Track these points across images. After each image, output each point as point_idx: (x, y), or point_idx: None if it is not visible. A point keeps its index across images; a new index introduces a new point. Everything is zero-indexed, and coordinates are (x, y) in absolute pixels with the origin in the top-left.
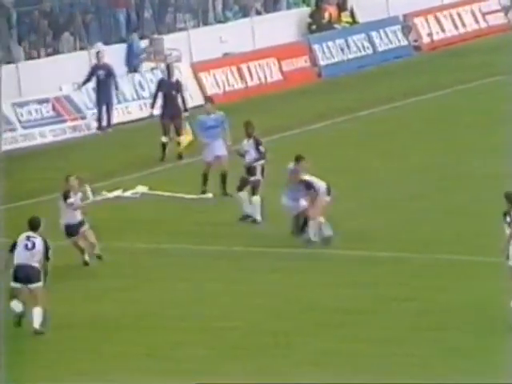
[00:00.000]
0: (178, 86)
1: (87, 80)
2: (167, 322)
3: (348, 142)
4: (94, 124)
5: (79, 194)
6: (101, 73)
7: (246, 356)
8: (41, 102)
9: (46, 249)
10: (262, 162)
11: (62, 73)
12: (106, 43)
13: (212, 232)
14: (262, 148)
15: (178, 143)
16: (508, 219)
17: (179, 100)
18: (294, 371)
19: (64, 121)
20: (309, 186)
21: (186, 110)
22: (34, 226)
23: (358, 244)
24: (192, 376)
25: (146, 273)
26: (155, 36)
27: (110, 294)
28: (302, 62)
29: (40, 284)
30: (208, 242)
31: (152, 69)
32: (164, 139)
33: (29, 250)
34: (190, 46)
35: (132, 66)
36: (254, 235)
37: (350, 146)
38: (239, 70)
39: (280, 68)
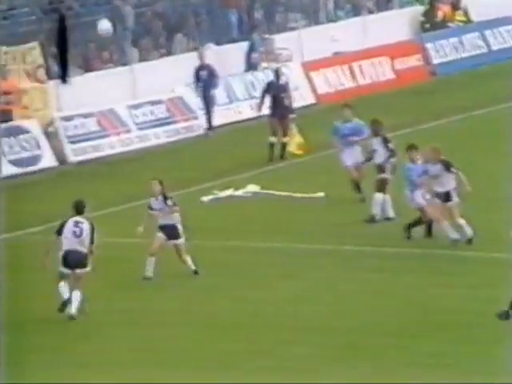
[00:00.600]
0: (286, 88)
1: (196, 80)
2: (278, 320)
3: (462, 141)
4: (206, 124)
5: (160, 198)
6: (203, 73)
7: (353, 356)
8: (154, 103)
9: (92, 232)
10: (393, 159)
11: (174, 74)
12: (218, 43)
13: (322, 231)
14: (391, 145)
15: (284, 144)
16: None
17: (287, 102)
18: (404, 372)
19: (177, 121)
20: (448, 165)
21: (292, 112)
22: (79, 209)
23: (474, 245)
24: (299, 374)
25: (256, 271)
26: (266, 36)
27: (224, 293)
28: (415, 60)
29: (87, 269)
30: (318, 241)
31: (264, 69)
32: (272, 139)
33: (77, 237)
34: (301, 46)
35: (253, 65)
36: (363, 234)
37: (464, 145)
38: (351, 68)
39: (392, 66)
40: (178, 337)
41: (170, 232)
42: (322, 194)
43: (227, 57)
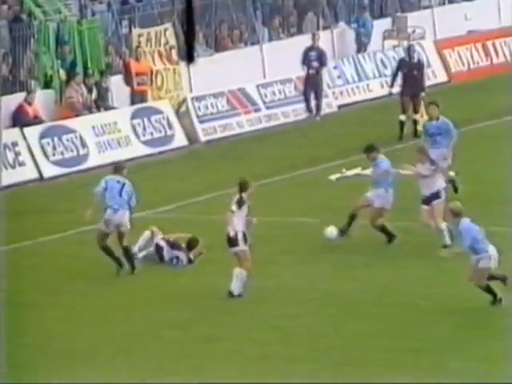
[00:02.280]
0: (419, 67)
1: (304, 61)
2: (408, 300)
3: None
4: (335, 102)
5: None
6: (312, 55)
7: (488, 338)
8: (284, 82)
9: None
10: None
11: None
12: (348, 23)
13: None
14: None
15: (415, 121)
16: None
17: (419, 79)
18: None
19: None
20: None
21: (424, 90)
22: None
23: None
24: (436, 355)
25: (386, 250)
26: (398, 14)
27: (350, 271)
28: None
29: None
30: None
31: (394, 47)
32: (402, 117)
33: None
34: (434, 24)
35: (362, 46)
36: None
37: None
38: (484, 47)
39: None
40: (304, 315)
41: None
42: (452, 173)
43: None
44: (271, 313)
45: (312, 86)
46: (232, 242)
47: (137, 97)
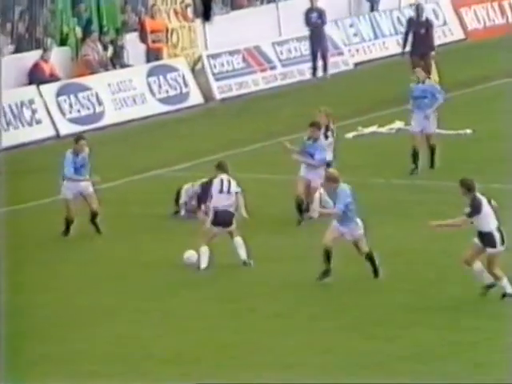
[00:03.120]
0: (427, 25)
1: (306, 22)
2: (429, 257)
3: None
4: (351, 60)
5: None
6: (314, 16)
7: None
8: (299, 39)
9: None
10: None
11: None
12: None
13: (467, 168)
14: None
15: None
16: None
17: (428, 38)
18: None
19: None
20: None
21: (433, 48)
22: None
23: None
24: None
25: (401, 209)
26: None
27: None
28: None
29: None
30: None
31: (411, 5)
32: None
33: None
34: None
35: (375, 3)
36: (510, 172)
37: None
38: (500, 6)
39: None
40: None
41: None
42: (469, 131)
43: None
44: (289, 271)
45: (317, 45)
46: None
47: (152, 54)
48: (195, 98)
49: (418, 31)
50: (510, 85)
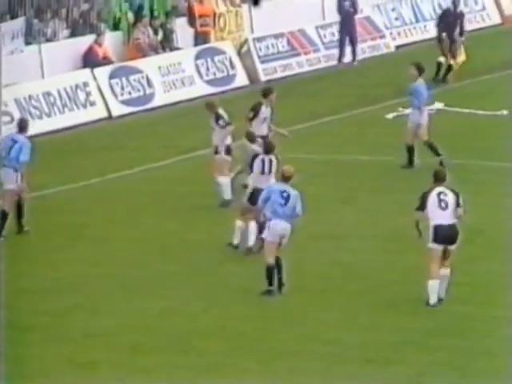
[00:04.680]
0: (461, 17)
1: (338, 9)
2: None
3: None
4: (393, 43)
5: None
6: (346, 3)
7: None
8: None
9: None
10: None
11: None
12: None
13: (504, 147)
14: None
15: (450, 66)
16: None
17: (460, 28)
18: None
19: (364, 40)
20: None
21: (462, 34)
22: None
23: None
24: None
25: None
26: None
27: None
28: None
29: None
30: (500, 158)
31: None
32: (441, 59)
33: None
34: None
35: None
36: None
37: None
38: None
39: None
40: (364, 250)
41: None
42: (505, 112)
43: None
44: (331, 248)
45: (347, 32)
46: None
47: (200, 38)
48: (241, 79)
49: (454, 22)
50: None
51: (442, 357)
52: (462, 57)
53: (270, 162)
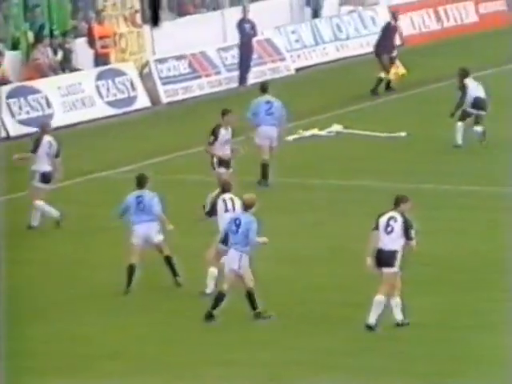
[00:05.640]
0: (396, 29)
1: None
2: (358, 255)
3: None
4: (293, 65)
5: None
6: (247, 26)
7: (437, 292)
8: None
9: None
10: None
11: (263, 18)
12: None
13: (403, 169)
14: None
15: (380, 79)
16: None
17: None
18: (486, 307)
19: (264, 63)
20: None
21: (395, 48)
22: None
23: None
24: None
25: (338, 208)
26: None
27: (306, 228)
28: (499, 5)
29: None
30: (397, 180)
31: (350, 12)
32: (382, 75)
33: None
34: None
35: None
36: (445, 173)
37: None
38: (436, 12)
39: (477, 10)
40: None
41: None
42: (403, 134)
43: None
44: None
45: (246, 56)
46: None
47: (100, 59)
48: (142, 101)
49: (392, 34)
50: (443, 89)
51: (341, 376)
52: (401, 69)
53: (232, 200)
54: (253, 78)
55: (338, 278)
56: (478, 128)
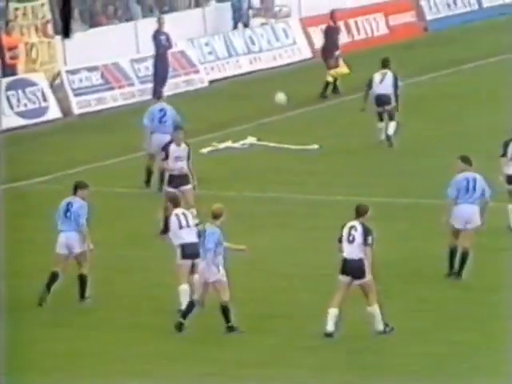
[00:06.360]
0: (338, 30)
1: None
2: (275, 268)
3: (451, 93)
4: (206, 78)
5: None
6: (163, 38)
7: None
8: None
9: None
10: None
11: (176, 30)
12: (220, 1)
13: (315, 181)
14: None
15: (336, 79)
16: None
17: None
18: (394, 317)
19: (178, 75)
20: None
21: (338, 48)
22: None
23: None
24: (297, 320)
25: (253, 220)
26: None
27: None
28: (409, 17)
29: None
30: (310, 192)
31: (262, 24)
32: (329, 78)
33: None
34: (300, 2)
35: (239, 23)
36: (356, 185)
37: (454, 98)
38: (346, 24)
39: (387, 22)
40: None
41: None
42: (315, 146)
43: (229, 14)
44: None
45: (161, 68)
46: None
47: (8, 70)
48: (54, 112)
49: (335, 35)
50: (355, 101)
51: None
52: (344, 69)
53: (184, 215)
54: (167, 90)
55: (252, 291)
56: (391, 124)
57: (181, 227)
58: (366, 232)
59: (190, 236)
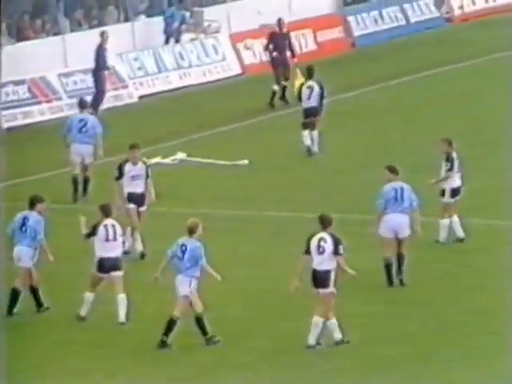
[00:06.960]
0: (287, 36)
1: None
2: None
3: (378, 110)
4: (136, 93)
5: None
6: (106, 54)
7: (283, 317)
8: (86, 72)
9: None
10: None
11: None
12: (150, 16)
13: (245, 197)
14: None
15: (284, 88)
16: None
17: (289, 48)
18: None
19: (108, 90)
20: None
21: (294, 56)
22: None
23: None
24: (231, 337)
25: (182, 235)
26: (196, 8)
27: (150, 257)
28: (337, 32)
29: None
30: (240, 207)
31: (192, 39)
32: (275, 87)
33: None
34: (229, 18)
35: (171, 38)
36: (284, 200)
37: (380, 114)
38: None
39: (315, 38)
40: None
41: None
42: (245, 162)
43: (159, 29)
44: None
45: (101, 82)
46: None
47: None
48: None
49: (282, 42)
50: (283, 117)
51: None
52: (299, 79)
53: (113, 227)
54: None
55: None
56: (314, 134)
57: (107, 240)
58: (337, 242)
59: (111, 251)
